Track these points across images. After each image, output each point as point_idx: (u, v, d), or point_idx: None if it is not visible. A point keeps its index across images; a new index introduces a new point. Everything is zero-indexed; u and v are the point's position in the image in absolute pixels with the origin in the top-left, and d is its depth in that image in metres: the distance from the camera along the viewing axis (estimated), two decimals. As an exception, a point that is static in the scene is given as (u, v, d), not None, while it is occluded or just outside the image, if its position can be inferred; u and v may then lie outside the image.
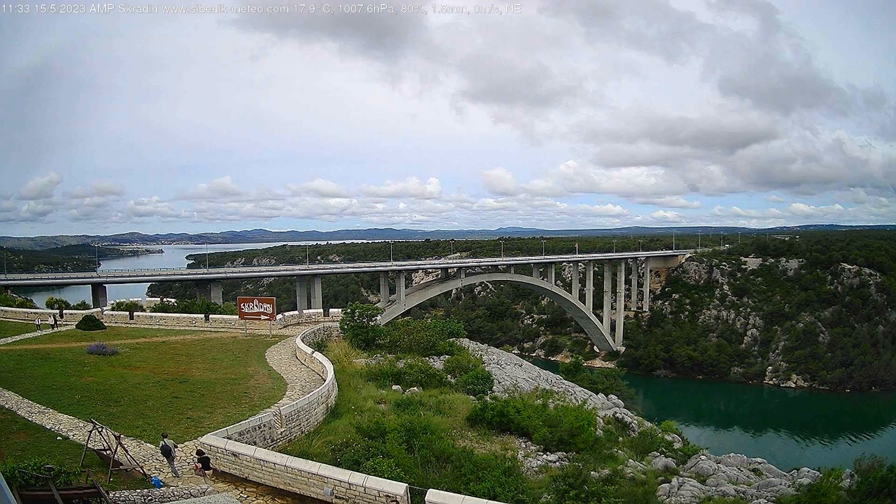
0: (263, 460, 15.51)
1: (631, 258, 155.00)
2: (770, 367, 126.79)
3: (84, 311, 48.17)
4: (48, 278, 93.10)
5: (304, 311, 54.51)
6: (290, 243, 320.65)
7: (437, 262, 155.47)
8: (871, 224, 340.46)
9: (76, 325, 40.81)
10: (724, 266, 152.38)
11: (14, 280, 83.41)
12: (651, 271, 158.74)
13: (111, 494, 12.76)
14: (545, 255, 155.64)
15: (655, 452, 26.93)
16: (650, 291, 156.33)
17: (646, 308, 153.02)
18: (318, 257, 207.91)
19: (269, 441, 18.52)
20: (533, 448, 23.66)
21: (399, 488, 13.63)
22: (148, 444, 17.89)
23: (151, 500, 13.28)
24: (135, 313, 46.10)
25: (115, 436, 16.04)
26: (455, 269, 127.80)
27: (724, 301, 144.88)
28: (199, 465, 15.99)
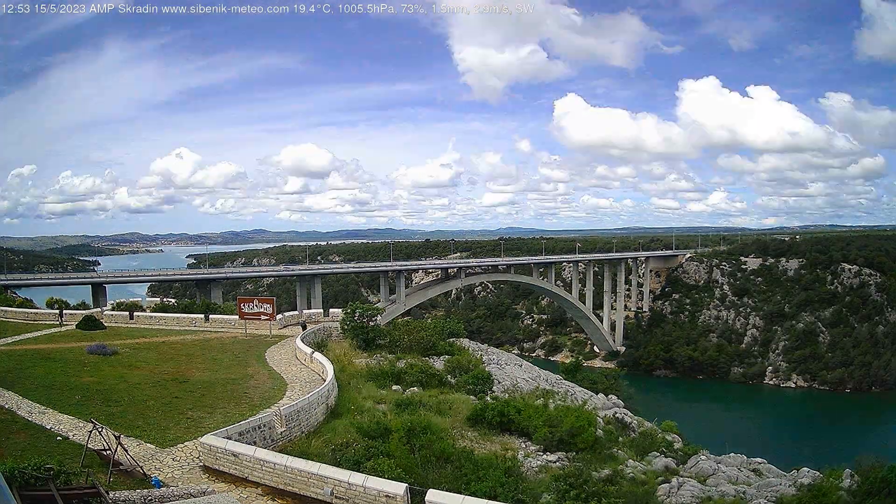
0: (263, 460, 15.51)
1: (631, 258, 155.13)
2: (770, 367, 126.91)
3: (84, 311, 48.19)
4: (48, 278, 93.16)
5: (305, 311, 54.52)
6: (290, 243, 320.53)
7: (437, 262, 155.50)
8: (872, 224, 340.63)
9: (76, 325, 40.80)
10: (724, 266, 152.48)
11: (14, 280, 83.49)
12: (651, 271, 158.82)
13: (111, 494, 12.76)
14: (545, 255, 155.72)
15: (655, 452, 26.92)
16: (650, 291, 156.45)
17: (646, 308, 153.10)
18: (319, 257, 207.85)
19: (269, 441, 18.52)
20: (533, 448, 23.66)
21: (399, 488, 13.63)
22: (148, 444, 17.89)
23: (151, 500, 13.28)
24: (135, 313, 46.09)
25: (115, 436, 16.04)
26: (455, 270, 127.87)
27: (724, 301, 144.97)
28: None
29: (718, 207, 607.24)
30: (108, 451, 15.63)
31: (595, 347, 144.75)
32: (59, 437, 17.96)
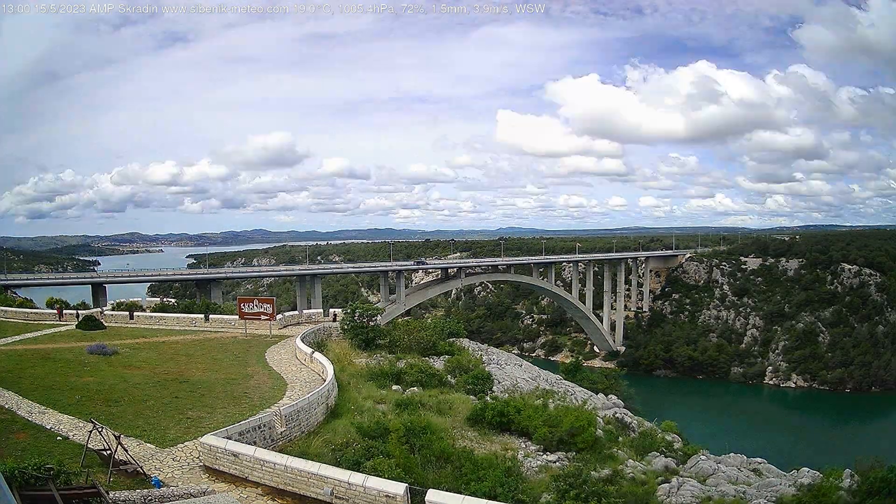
0: (263, 460, 15.52)
1: (631, 258, 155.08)
2: (770, 367, 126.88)
3: (84, 311, 48.18)
4: (48, 278, 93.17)
5: (304, 311, 54.54)
6: (290, 243, 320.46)
7: (437, 262, 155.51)
8: (871, 224, 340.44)
9: (76, 325, 40.81)
10: (724, 266, 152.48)
11: (14, 280, 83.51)
12: (651, 271, 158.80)
13: (111, 494, 12.77)
14: (545, 255, 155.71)
15: (655, 452, 26.92)
16: (650, 291, 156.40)
17: (646, 308, 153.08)
18: (318, 257, 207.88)
19: (269, 441, 18.52)
20: (533, 448, 23.66)
21: (399, 488, 13.64)
22: (148, 444, 17.89)
23: (151, 500, 13.29)
24: (135, 313, 46.10)
25: (115, 436, 16.04)
26: (455, 270, 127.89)
27: (724, 301, 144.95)
28: None
29: (718, 206, 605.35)
30: (108, 451, 15.63)
31: (595, 347, 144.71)
32: (59, 437, 17.97)
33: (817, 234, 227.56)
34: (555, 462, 22.28)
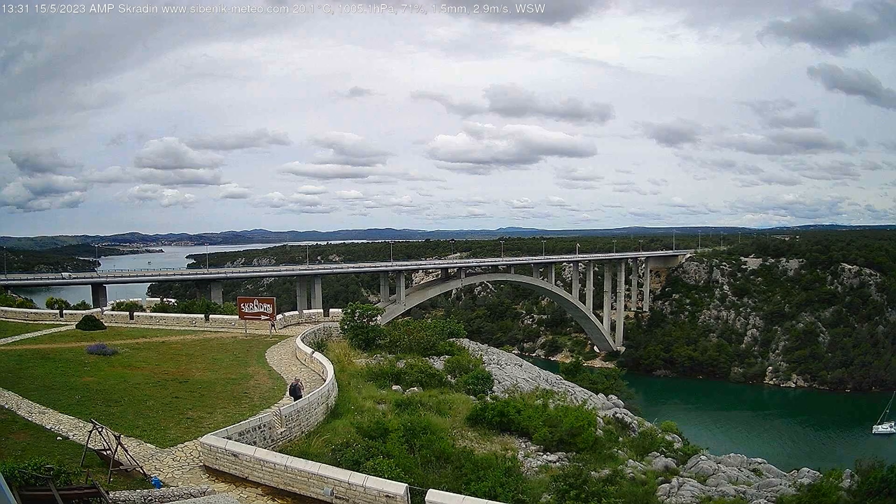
0: (263, 460, 15.52)
1: (631, 258, 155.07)
2: (770, 367, 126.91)
3: (84, 311, 48.21)
4: (48, 278, 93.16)
5: (305, 311, 54.53)
6: (290, 243, 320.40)
7: (437, 262, 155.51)
8: (872, 224, 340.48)
9: (76, 325, 40.80)
10: (724, 266, 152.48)
11: (14, 280, 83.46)
12: (651, 271, 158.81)
13: (111, 494, 12.78)
14: (545, 255, 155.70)
15: (655, 452, 26.94)
16: (650, 291, 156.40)
17: (646, 308, 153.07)
18: (318, 257, 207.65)
19: (269, 441, 18.52)
20: (533, 448, 23.66)
21: (399, 488, 13.64)
22: (148, 444, 17.89)
23: (151, 500, 13.29)
24: (135, 313, 46.10)
25: (115, 436, 16.04)
26: (455, 270, 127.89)
27: (724, 301, 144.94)
28: None
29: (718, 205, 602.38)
30: (108, 451, 15.63)
31: (595, 347, 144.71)
32: (59, 437, 17.97)
33: (817, 234, 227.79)
34: (555, 462, 22.28)
